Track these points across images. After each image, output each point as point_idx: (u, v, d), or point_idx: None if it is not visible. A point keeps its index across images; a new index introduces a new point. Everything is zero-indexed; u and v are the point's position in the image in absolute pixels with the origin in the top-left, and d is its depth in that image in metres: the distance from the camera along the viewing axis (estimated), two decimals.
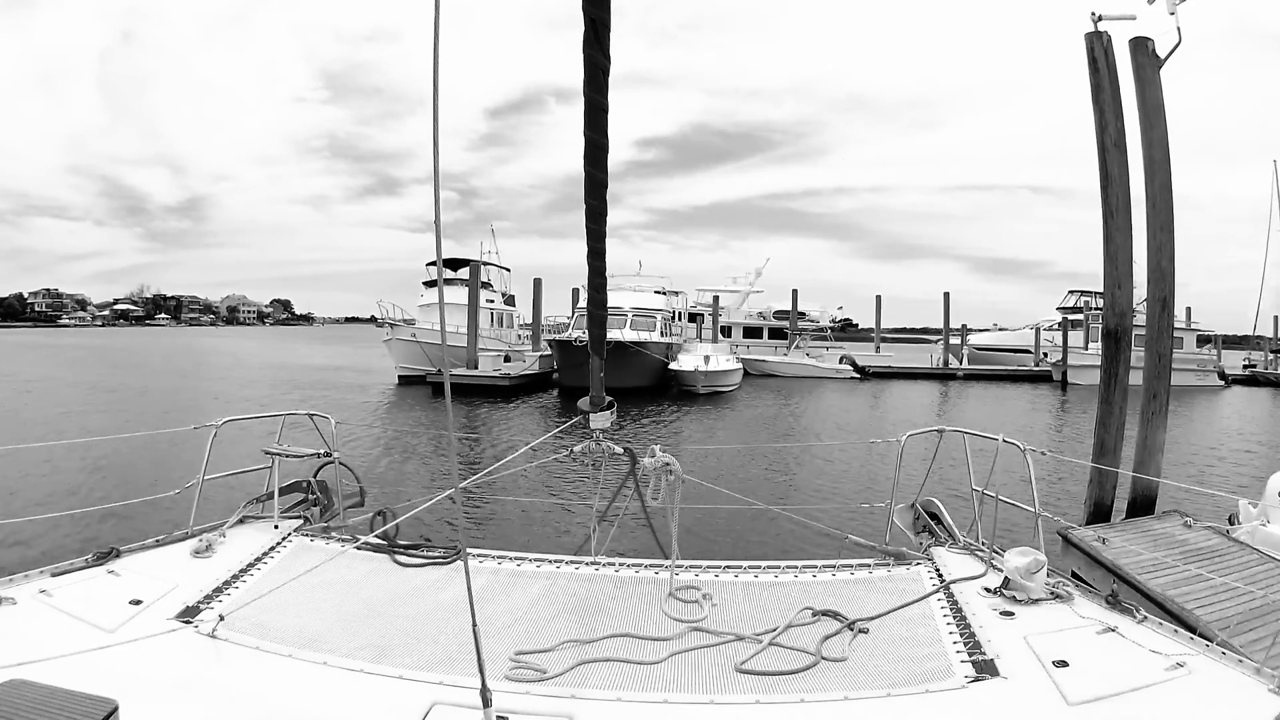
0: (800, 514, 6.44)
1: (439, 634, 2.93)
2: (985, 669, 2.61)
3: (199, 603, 3.10)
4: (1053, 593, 3.23)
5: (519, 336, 37.42)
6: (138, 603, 3.00)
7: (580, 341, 24.67)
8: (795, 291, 44.23)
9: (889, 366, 41.44)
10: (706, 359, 27.81)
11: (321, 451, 4.84)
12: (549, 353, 29.46)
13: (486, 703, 2.01)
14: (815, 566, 3.78)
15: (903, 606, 3.24)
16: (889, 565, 3.81)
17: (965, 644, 2.84)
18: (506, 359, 31.23)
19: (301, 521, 4.34)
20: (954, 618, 3.11)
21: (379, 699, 2.42)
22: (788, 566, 3.77)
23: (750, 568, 3.75)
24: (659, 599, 3.34)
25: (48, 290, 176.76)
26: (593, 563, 3.81)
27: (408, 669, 2.60)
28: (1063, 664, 2.56)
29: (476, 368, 27.02)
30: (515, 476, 10.18)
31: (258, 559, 3.70)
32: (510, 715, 2.17)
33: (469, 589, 2.06)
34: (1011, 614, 3.07)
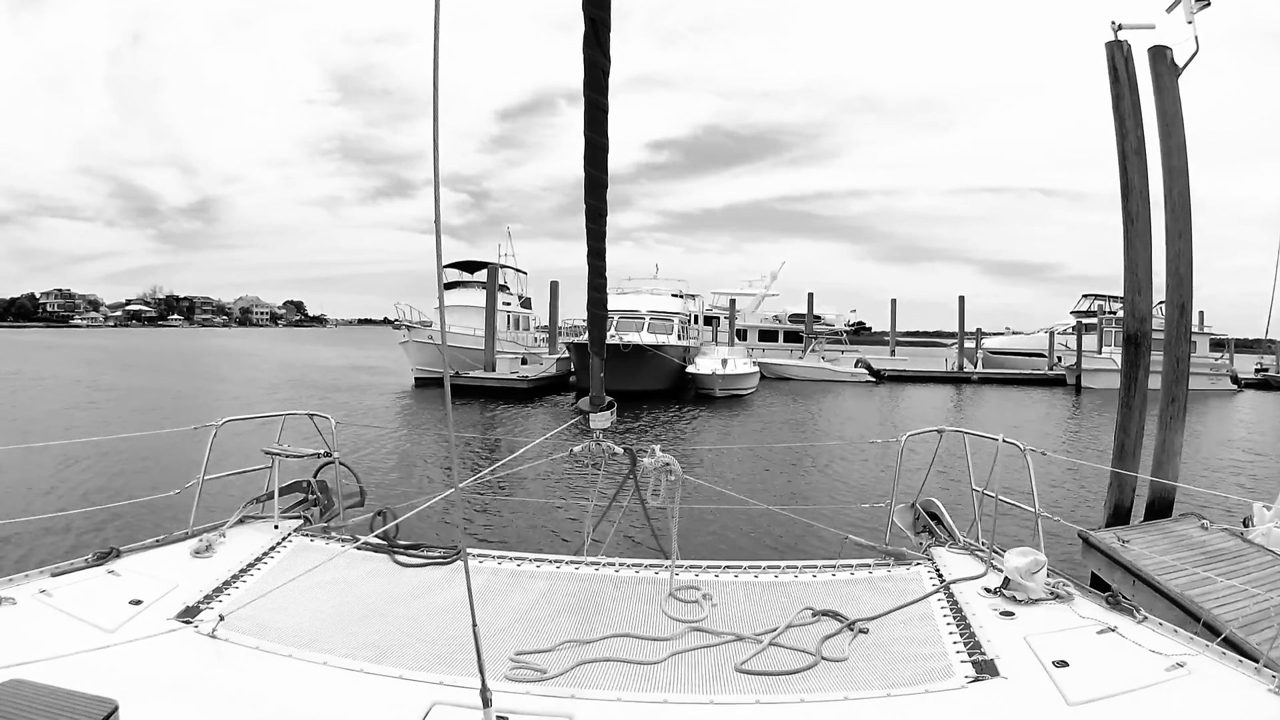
0: (800, 514, 6.48)
1: (439, 634, 2.93)
2: (985, 669, 2.61)
3: (199, 602, 3.11)
4: (1052, 593, 3.25)
5: (535, 339, 37.42)
6: (138, 603, 3.00)
7: None
8: (811, 295, 43.72)
9: (904, 370, 41.16)
10: (724, 362, 27.65)
11: (322, 452, 4.86)
12: (566, 355, 29.57)
13: (486, 703, 2.02)
14: (815, 566, 3.78)
15: (903, 606, 3.24)
16: (889, 565, 3.82)
17: (965, 644, 2.83)
18: (524, 361, 31.33)
19: (301, 522, 4.35)
20: (954, 618, 3.11)
21: (379, 699, 2.42)
22: (788, 567, 3.77)
23: (750, 568, 3.76)
24: (659, 599, 3.35)
25: (59, 291, 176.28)
26: (593, 563, 3.80)
27: (408, 669, 2.59)
28: (1063, 664, 2.56)
29: (494, 370, 27.00)
30: (516, 477, 10.27)
31: (258, 559, 3.69)
32: (510, 715, 2.18)
33: (469, 589, 2.06)
34: (1011, 614, 3.08)
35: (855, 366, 39.99)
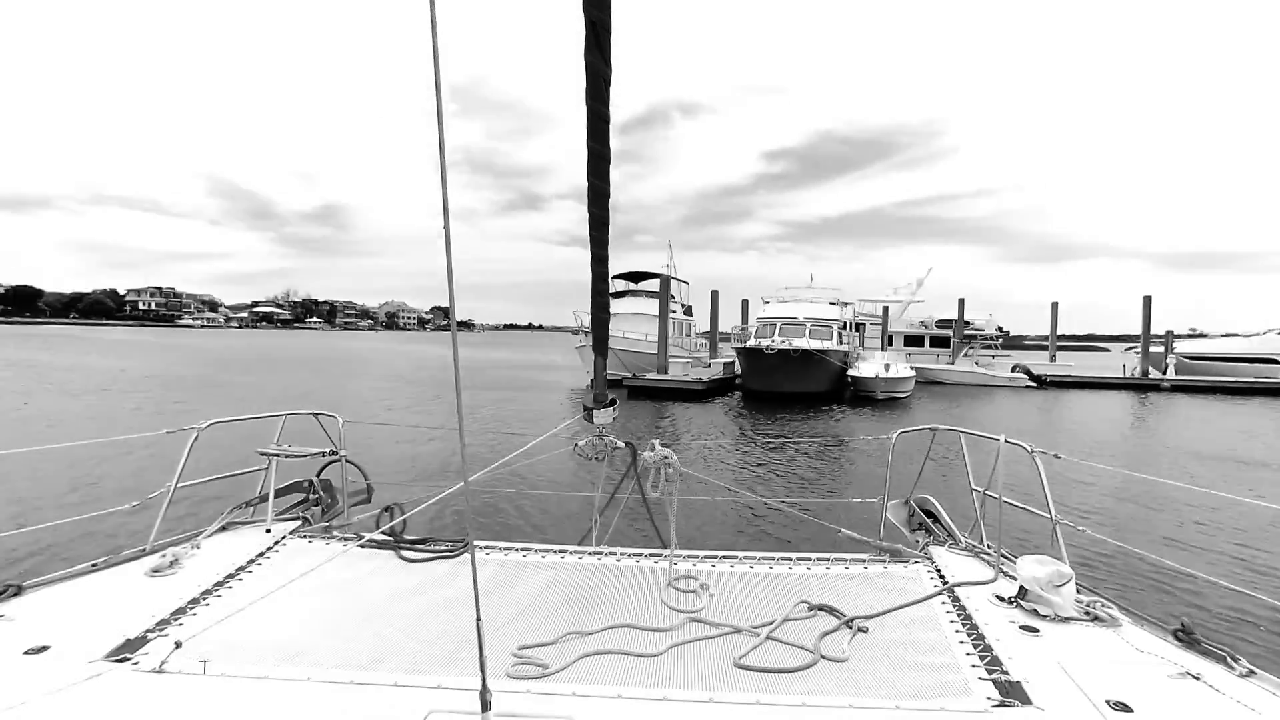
0: (792, 506, 6.42)
1: (441, 632, 2.81)
2: (1012, 693, 2.30)
3: (147, 631, 2.68)
4: (1087, 613, 2.87)
5: (697, 344, 40.04)
6: (39, 651, 2.46)
7: (770, 349, 26.72)
8: (962, 301, 44.81)
9: (1069, 375, 38.85)
10: (886, 366, 29.18)
11: (326, 450, 4.67)
12: (728, 359, 32.39)
13: (486, 705, 1.94)
14: (810, 559, 3.73)
15: (903, 606, 3.09)
16: (885, 562, 3.72)
17: (981, 658, 2.57)
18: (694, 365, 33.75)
19: (300, 523, 4.15)
20: (963, 625, 2.88)
21: (367, 713, 2.20)
22: (782, 558, 3.73)
23: (745, 558, 3.75)
24: (658, 588, 3.35)
25: (159, 289, 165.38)
26: (595, 552, 3.81)
27: (404, 674, 2.44)
28: (1123, 708, 2.14)
29: (667, 373, 29.45)
30: (525, 470, 10.31)
31: (240, 568, 3.41)
32: (510, 718, 2.12)
33: (475, 584, 1.95)
34: (1035, 630, 2.76)
35: (1013, 371, 39.00)
